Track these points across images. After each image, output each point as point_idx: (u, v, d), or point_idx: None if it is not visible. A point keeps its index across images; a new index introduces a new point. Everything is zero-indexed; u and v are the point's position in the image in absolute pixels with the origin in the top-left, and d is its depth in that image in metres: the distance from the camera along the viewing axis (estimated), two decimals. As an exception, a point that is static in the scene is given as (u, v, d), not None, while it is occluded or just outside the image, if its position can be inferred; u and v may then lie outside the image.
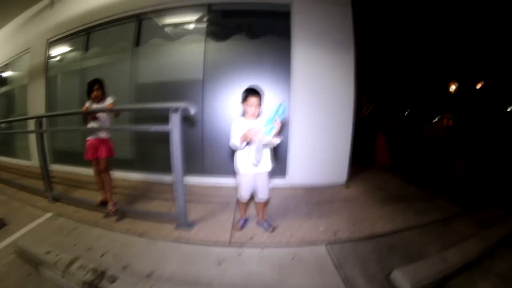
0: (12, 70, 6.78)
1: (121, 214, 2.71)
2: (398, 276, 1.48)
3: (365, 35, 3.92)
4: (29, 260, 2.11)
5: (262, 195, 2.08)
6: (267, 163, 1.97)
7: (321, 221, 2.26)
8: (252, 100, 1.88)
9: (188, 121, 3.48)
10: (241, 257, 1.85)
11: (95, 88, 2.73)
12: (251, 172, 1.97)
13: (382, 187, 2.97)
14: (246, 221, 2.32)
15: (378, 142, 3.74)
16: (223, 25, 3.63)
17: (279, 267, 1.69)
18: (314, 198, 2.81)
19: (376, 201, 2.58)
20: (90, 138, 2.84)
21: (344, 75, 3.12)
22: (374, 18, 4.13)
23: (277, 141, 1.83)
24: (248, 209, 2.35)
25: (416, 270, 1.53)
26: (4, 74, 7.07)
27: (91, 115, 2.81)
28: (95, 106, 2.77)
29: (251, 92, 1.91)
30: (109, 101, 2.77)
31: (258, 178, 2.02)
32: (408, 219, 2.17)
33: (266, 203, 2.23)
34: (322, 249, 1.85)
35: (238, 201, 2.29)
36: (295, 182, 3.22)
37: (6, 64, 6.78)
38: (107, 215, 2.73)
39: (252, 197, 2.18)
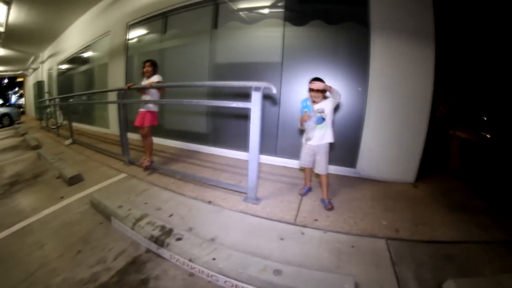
0: (92, 51, 7.70)
1: (152, 170, 3.34)
2: (451, 287, 1.37)
3: (448, 25, 3.47)
4: (101, 211, 2.37)
5: (319, 167, 2.35)
6: (325, 139, 2.28)
7: (385, 215, 2.19)
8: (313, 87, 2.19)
9: (269, 100, 3.56)
10: (304, 237, 1.89)
11: (147, 65, 3.24)
12: (309, 143, 2.34)
13: (449, 194, 2.73)
14: (308, 189, 2.65)
15: (452, 146, 3.36)
16: (299, 10, 3.56)
17: (338, 252, 1.70)
18: (380, 191, 2.74)
19: (441, 207, 2.40)
20: (140, 109, 3.34)
21: (422, 68, 2.84)
22: (459, 6, 3.62)
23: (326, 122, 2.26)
24: (310, 180, 2.65)
25: (470, 286, 1.40)
26: (85, 55, 8.14)
27: (142, 90, 3.29)
28: (145, 81, 3.24)
29: (313, 80, 2.21)
30: (155, 78, 3.19)
31: (317, 151, 2.33)
32: (471, 232, 1.98)
33: (327, 182, 2.37)
34: (382, 243, 1.81)
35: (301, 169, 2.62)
36: (364, 173, 3.15)
37: (87, 46, 7.77)
38: (145, 169, 3.37)
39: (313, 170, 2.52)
